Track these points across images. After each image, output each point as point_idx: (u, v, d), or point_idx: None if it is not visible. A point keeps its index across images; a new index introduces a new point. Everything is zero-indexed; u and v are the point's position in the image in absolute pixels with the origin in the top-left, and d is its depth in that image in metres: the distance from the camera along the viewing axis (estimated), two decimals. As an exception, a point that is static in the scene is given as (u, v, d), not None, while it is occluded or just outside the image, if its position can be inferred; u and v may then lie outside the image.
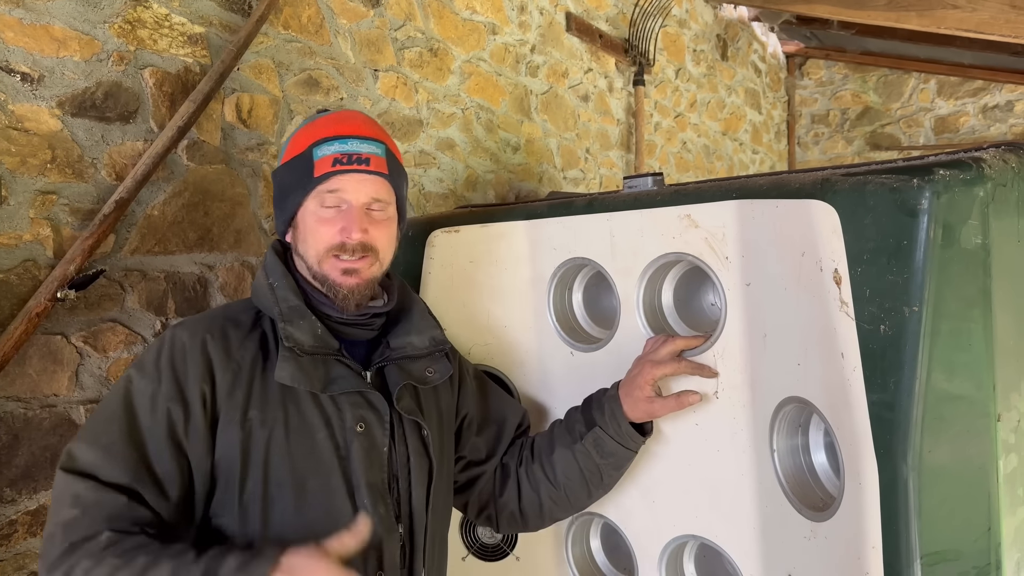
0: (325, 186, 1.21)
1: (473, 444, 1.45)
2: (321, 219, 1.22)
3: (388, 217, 1.27)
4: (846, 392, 1.08)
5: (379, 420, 1.22)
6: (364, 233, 1.21)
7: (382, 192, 1.25)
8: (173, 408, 1.11)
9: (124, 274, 1.57)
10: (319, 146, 1.23)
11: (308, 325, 1.20)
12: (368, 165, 1.22)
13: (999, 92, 4.68)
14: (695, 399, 1.32)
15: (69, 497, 1.04)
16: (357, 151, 1.22)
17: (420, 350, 1.32)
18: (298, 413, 1.17)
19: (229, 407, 1.14)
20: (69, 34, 1.48)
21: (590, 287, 1.62)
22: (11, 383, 1.40)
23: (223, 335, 1.19)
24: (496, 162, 2.66)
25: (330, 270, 1.22)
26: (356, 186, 1.22)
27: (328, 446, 1.18)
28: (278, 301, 1.21)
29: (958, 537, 1.05)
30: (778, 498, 1.25)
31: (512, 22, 2.74)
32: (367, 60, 2.15)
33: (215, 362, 1.15)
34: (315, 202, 1.23)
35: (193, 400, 1.12)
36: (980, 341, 1.04)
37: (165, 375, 1.13)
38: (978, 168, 1.02)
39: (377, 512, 1.18)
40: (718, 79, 4.33)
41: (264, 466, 1.14)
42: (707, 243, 1.31)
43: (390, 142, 1.30)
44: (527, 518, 1.45)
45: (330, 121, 1.27)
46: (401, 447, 1.25)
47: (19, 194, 1.41)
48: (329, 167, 1.21)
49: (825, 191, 1.10)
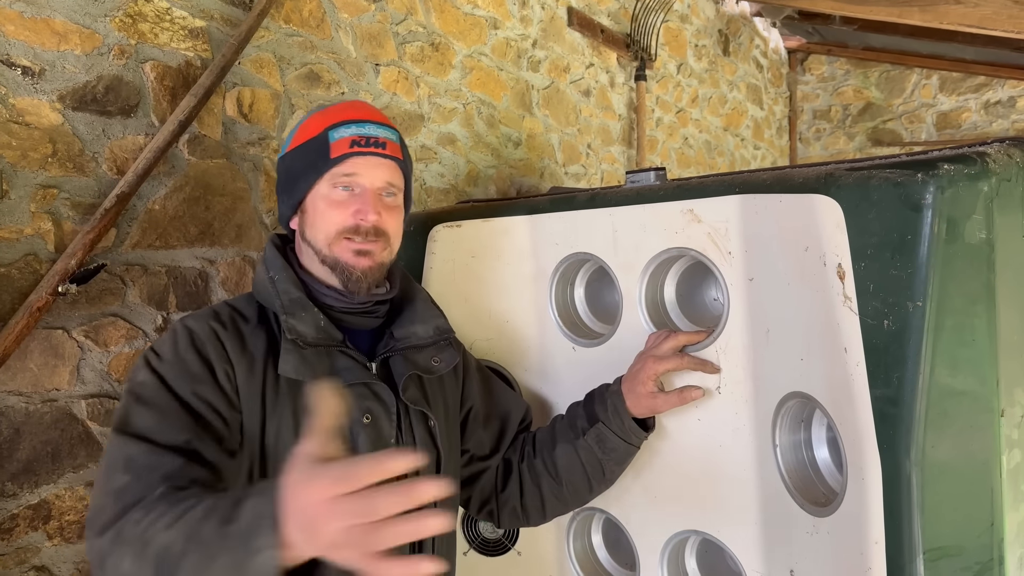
0: (340, 168, 1.21)
1: (478, 438, 1.45)
2: (333, 202, 1.21)
3: (398, 204, 1.28)
4: (849, 387, 1.08)
5: (385, 411, 1.22)
6: (378, 216, 1.21)
7: (395, 177, 1.26)
8: (204, 388, 1.09)
9: (125, 268, 1.57)
10: (335, 129, 1.22)
11: (310, 317, 1.19)
12: (385, 149, 1.23)
13: (1001, 88, 4.67)
14: (698, 394, 1.32)
15: (122, 461, 1.00)
16: (375, 135, 1.23)
17: (424, 339, 1.31)
18: (304, 406, 1.17)
19: (248, 395, 1.14)
20: (70, 28, 1.48)
21: (592, 282, 1.62)
22: (12, 377, 1.40)
23: (234, 326, 1.18)
24: (497, 157, 2.65)
25: (341, 252, 1.21)
26: (372, 170, 1.22)
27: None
28: (279, 294, 1.20)
29: (961, 533, 1.05)
30: (780, 493, 1.25)
31: (513, 16, 2.74)
32: (368, 54, 2.15)
33: (230, 350, 1.15)
34: (328, 185, 1.22)
35: (222, 379, 1.11)
36: (984, 336, 1.04)
37: (190, 357, 1.11)
38: (982, 163, 1.02)
39: None
40: (720, 74, 4.32)
41: (275, 459, 1.13)
42: (710, 238, 1.31)
43: (399, 131, 1.31)
44: (529, 513, 1.46)
45: (345, 107, 1.27)
46: (408, 438, 1.25)
47: (20, 188, 1.40)
48: (347, 148, 1.21)
49: (829, 185, 1.10)
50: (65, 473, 1.47)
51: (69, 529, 1.48)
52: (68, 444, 1.48)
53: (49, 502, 1.45)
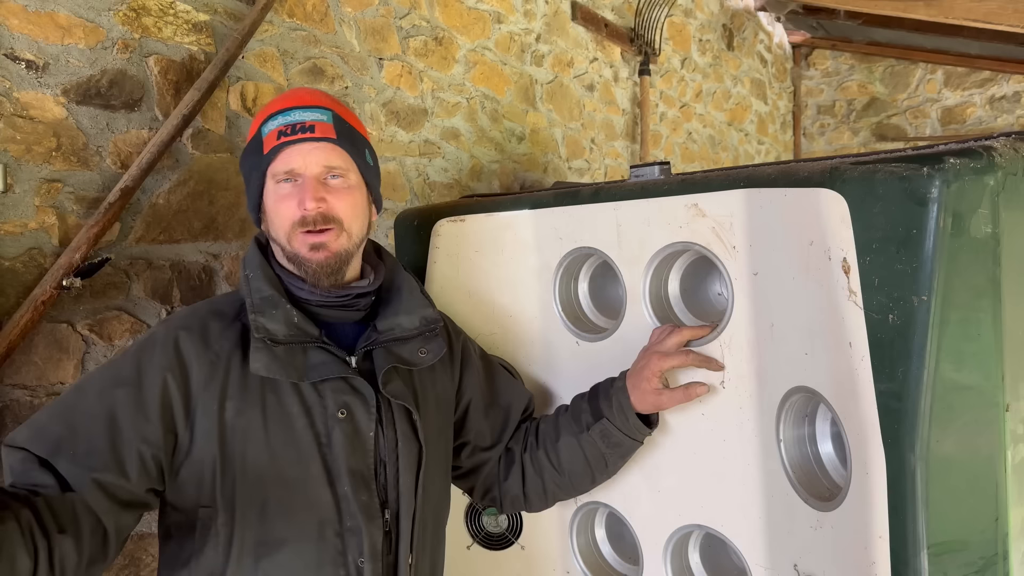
0: (276, 162, 1.20)
1: (479, 429, 1.45)
2: (279, 197, 1.20)
3: (349, 185, 1.23)
4: (854, 382, 1.08)
5: (364, 405, 1.20)
6: (321, 202, 1.18)
7: (334, 159, 1.21)
8: (124, 391, 1.10)
9: (129, 263, 1.57)
10: (265, 123, 1.22)
11: (282, 314, 1.18)
12: (313, 132, 1.19)
13: (1006, 83, 4.65)
14: (703, 391, 1.31)
15: (7, 470, 1.05)
16: (300, 120, 1.19)
17: (409, 331, 1.29)
18: (277, 403, 1.17)
19: (205, 398, 1.14)
20: (74, 21, 1.47)
21: (596, 277, 1.62)
22: (17, 371, 1.40)
23: (202, 327, 1.18)
24: (501, 152, 2.65)
25: (299, 246, 1.20)
26: (305, 156, 1.19)
27: (308, 435, 1.17)
28: (251, 292, 1.20)
29: (965, 527, 1.05)
30: (784, 488, 1.25)
31: (517, 11, 2.73)
32: (372, 49, 2.14)
33: (188, 355, 1.14)
34: (272, 181, 1.21)
35: (150, 386, 1.11)
36: (989, 331, 1.04)
37: (128, 361, 1.14)
38: (989, 157, 1.02)
39: (359, 499, 1.17)
40: (724, 69, 4.31)
41: (242, 457, 1.14)
42: (714, 232, 1.31)
43: (340, 108, 1.26)
44: (530, 501, 1.47)
45: (277, 99, 1.26)
46: (389, 431, 1.24)
47: (24, 182, 1.41)
48: (275, 141, 1.19)
49: (834, 179, 1.09)
50: (70, 466, 1.48)
51: (74, 522, 1.48)
52: (73, 438, 1.48)
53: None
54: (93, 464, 1.05)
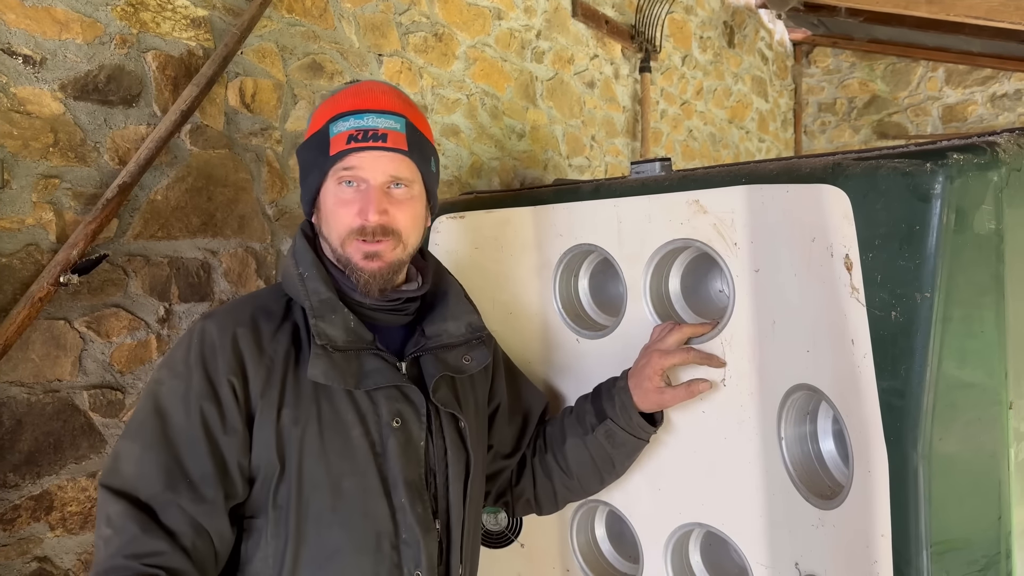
0: (341, 164, 1.16)
1: (503, 435, 1.43)
2: (340, 200, 1.17)
3: (412, 197, 1.20)
4: (856, 379, 1.07)
5: (415, 414, 1.18)
6: (383, 215, 1.15)
7: (402, 170, 1.18)
8: (206, 406, 1.08)
9: (127, 259, 1.57)
10: (335, 122, 1.17)
11: (340, 319, 1.15)
12: (385, 141, 1.15)
13: (1008, 81, 4.63)
14: (705, 387, 1.31)
15: (104, 517, 1.05)
16: (374, 126, 1.15)
17: (456, 337, 1.26)
18: (332, 410, 1.13)
19: (264, 406, 1.11)
20: (71, 16, 1.47)
21: (596, 273, 1.61)
22: (14, 368, 1.39)
23: (254, 328, 1.15)
24: (501, 149, 2.64)
25: (353, 253, 1.17)
26: (373, 164, 1.15)
27: (363, 444, 1.14)
28: (309, 294, 1.16)
29: (967, 526, 1.04)
30: (786, 486, 1.24)
31: (517, 7, 2.72)
32: (371, 44, 2.13)
33: (247, 358, 1.12)
34: (333, 181, 1.17)
35: (226, 396, 1.09)
36: (992, 328, 1.03)
37: (196, 372, 1.10)
38: (992, 153, 1.01)
39: (415, 511, 1.15)
40: (725, 66, 4.30)
41: (299, 467, 1.11)
42: (715, 229, 1.30)
43: (413, 113, 1.22)
44: (541, 504, 1.46)
45: (348, 95, 1.20)
46: (438, 441, 1.21)
47: (21, 178, 1.40)
48: (344, 144, 1.15)
49: (836, 176, 1.08)
50: (67, 464, 1.47)
51: (71, 520, 1.48)
52: (70, 435, 1.47)
53: (51, 493, 1.45)
54: (208, 495, 1.07)
